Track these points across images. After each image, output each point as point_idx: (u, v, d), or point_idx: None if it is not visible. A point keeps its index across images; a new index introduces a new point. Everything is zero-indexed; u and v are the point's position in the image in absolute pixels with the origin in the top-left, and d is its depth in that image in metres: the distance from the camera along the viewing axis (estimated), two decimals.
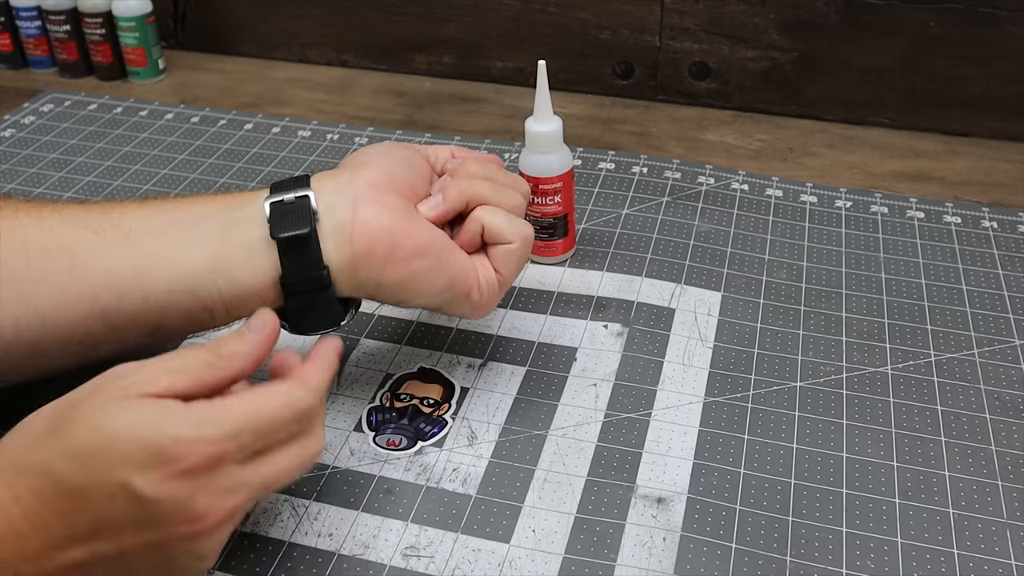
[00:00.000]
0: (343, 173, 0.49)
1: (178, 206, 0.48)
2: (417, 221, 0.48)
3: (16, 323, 0.45)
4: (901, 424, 0.53)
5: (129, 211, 0.48)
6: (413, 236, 0.47)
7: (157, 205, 0.48)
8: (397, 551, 0.46)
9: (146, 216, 0.47)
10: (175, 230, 0.47)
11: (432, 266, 0.47)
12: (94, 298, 0.45)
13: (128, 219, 0.47)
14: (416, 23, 0.92)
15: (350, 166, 0.49)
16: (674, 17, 0.85)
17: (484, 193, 0.50)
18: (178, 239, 0.46)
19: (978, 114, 0.81)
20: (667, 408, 0.53)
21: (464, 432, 0.52)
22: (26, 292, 0.45)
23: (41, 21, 0.93)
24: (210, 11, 0.98)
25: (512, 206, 0.51)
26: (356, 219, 0.46)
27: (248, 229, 0.46)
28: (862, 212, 0.71)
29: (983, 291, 0.63)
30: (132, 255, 0.46)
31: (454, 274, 0.48)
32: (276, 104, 0.90)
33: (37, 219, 0.47)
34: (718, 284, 0.63)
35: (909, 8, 0.79)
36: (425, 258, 0.47)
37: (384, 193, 0.47)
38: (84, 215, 0.47)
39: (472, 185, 0.50)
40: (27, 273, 0.45)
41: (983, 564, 0.45)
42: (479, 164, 0.52)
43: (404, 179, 0.49)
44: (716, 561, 0.45)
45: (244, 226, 0.46)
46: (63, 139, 0.82)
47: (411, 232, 0.47)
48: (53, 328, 0.46)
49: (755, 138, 0.83)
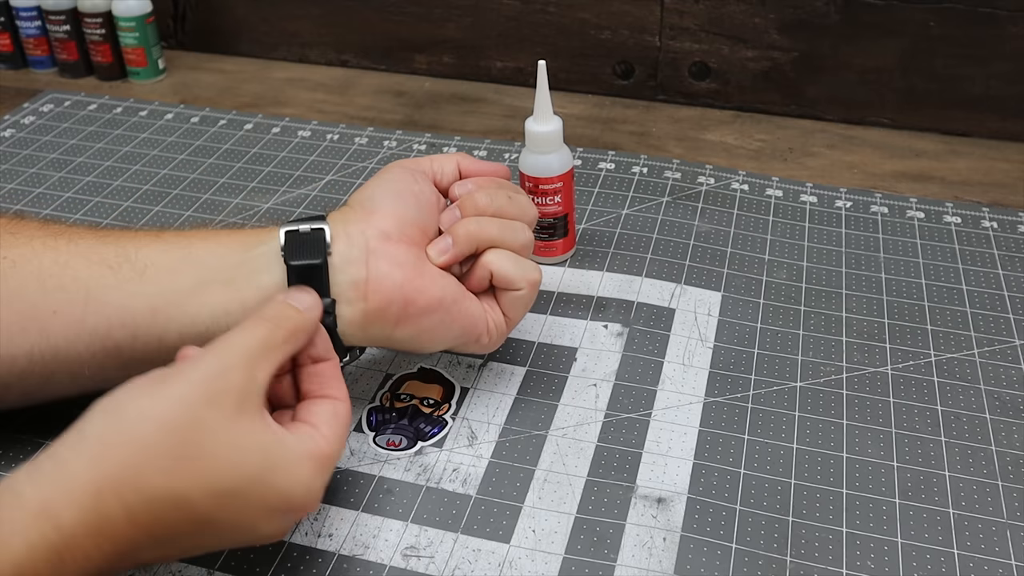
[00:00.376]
0: (354, 220, 0.48)
1: (193, 242, 0.48)
2: (429, 275, 0.48)
3: (30, 354, 0.45)
4: (901, 424, 0.53)
5: (144, 246, 0.48)
6: (426, 293, 0.47)
7: (172, 241, 0.48)
8: (397, 551, 0.46)
9: (161, 252, 0.47)
10: (190, 269, 0.47)
11: (444, 319, 0.48)
12: (108, 334, 0.46)
13: (144, 255, 0.47)
14: (416, 23, 0.92)
15: (361, 210, 0.49)
16: (674, 17, 0.85)
17: (493, 235, 0.50)
18: (193, 279, 0.46)
19: (978, 114, 0.81)
20: (667, 408, 0.53)
21: (464, 432, 0.52)
22: (41, 325, 0.45)
23: (41, 21, 0.93)
24: (210, 11, 0.98)
25: (520, 245, 0.51)
26: (370, 277, 0.46)
27: (262, 274, 0.46)
28: (862, 212, 0.71)
29: (983, 291, 0.63)
30: (148, 293, 0.46)
31: (465, 324, 0.49)
32: (276, 104, 0.90)
33: (52, 250, 0.47)
34: (718, 284, 0.63)
35: (909, 8, 0.79)
36: (437, 313, 0.48)
37: (395, 244, 0.48)
38: (100, 247, 0.47)
39: (481, 228, 0.50)
40: (42, 306, 0.45)
41: (983, 564, 0.45)
42: (487, 195, 0.51)
43: (414, 222, 0.49)
44: (716, 561, 0.45)
45: (259, 269, 0.47)
46: (63, 139, 0.82)
47: (424, 288, 0.47)
48: (65, 361, 0.46)
49: (755, 138, 0.83)
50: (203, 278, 0.46)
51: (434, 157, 0.54)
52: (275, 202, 0.73)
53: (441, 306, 0.48)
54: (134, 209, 0.72)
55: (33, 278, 0.46)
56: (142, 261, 0.47)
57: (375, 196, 0.50)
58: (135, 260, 0.47)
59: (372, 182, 0.51)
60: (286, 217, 0.71)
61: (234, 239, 0.48)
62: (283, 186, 0.75)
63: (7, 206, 0.73)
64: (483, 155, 0.79)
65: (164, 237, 0.49)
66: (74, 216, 0.71)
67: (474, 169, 0.54)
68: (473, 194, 0.51)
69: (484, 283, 0.50)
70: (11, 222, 0.49)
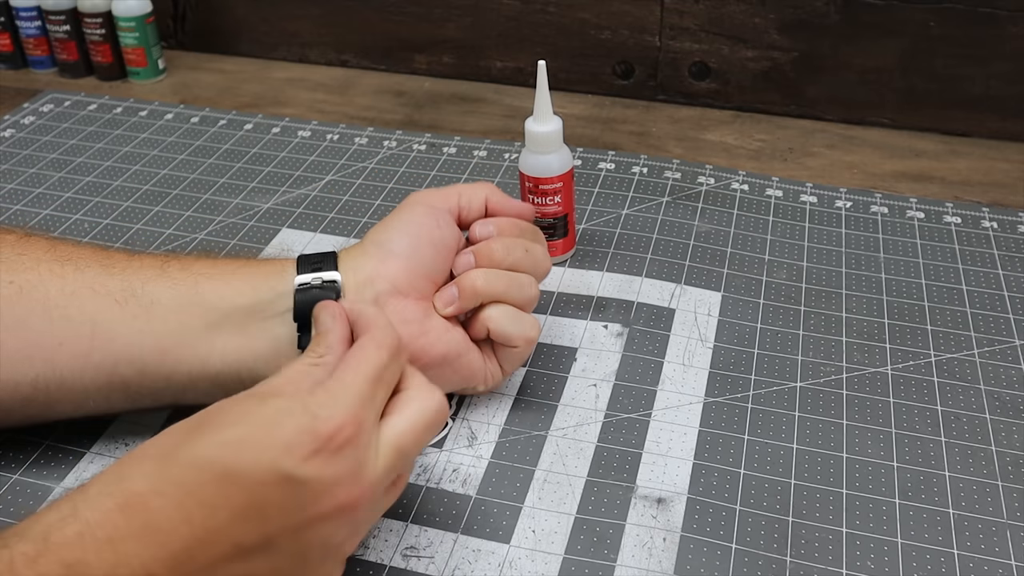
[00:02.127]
0: (366, 266, 0.48)
1: (200, 281, 0.47)
2: (435, 332, 0.48)
3: (35, 382, 0.45)
4: (901, 424, 0.53)
5: (150, 280, 0.47)
6: (429, 351, 0.48)
7: (178, 277, 0.48)
8: (397, 551, 0.46)
9: (167, 288, 0.47)
10: (199, 311, 0.47)
11: (446, 372, 0.49)
12: (114, 369, 0.46)
13: (150, 290, 0.47)
14: (416, 23, 0.92)
15: (376, 253, 0.49)
16: (674, 17, 0.85)
17: (499, 291, 0.50)
18: (202, 322, 0.46)
19: (978, 114, 0.81)
20: (667, 408, 0.53)
21: (464, 432, 0.52)
22: (47, 355, 0.45)
23: (41, 21, 0.93)
24: (210, 11, 0.98)
25: (525, 300, 0.51)
26: None
27: (276, 326, 0.47)
28: (862, 212, 0.71)
29: (983, 291, 0.63)
30: (156, 332, 0.46)
31: (465, 375, 0.50)
32: (276, 104, 0.90)
33: (59, 277, 0.46)
34: (718, 284, 0.63)
35: (909, 8, 0.79)
36: (440, 368, 0.48)
37: (404, 300, 0.48)
38: (106, 279, 0.47)
39: (488, 284, 0.50)
40: (48, 336, 0.45)
41: (983, 564, 0.45)
42: (504, 248, 0.51)
43: (426, 273, 0.49)
44: (716, 561, 0.45)
45: (272, 319, 0.47)
46: (63, 139, 0.82)
47: (427, 347, 0.48)
48: (70, 391, 0.46)
49: (755, 138, 0.83)
50: (213, 321, 0.46)
51: (463, 189, 0.53)
52: (275, 202, 0.73)
53: (444, 361, 0.49)
54: (134, 209, 0.72)
55: (39, 306, 0.45)
56: (148, 297, 0.46)
57: (393, 240, 0.49)
58: (140, 295, 0.46)
59: (393, 219, 0.51)
60: (286, 217, 0.71)
61: (242, 279, 0.48)
62: (283, 186, 0.75)
63: (7, 206, 0.73)
64: (483, 155, 0.79)
65: (169, 272, 0.48)
66: (74, 216, 0.71)
67: (501, 207, 0.53)
68: (491, 243, 0.51)
69: (482, 335, 0.51)
70: (20, 241, 0.48)
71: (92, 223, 0.70)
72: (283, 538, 0.36)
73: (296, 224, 0.70)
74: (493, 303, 0.50)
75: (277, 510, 0.36)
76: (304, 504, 0.36)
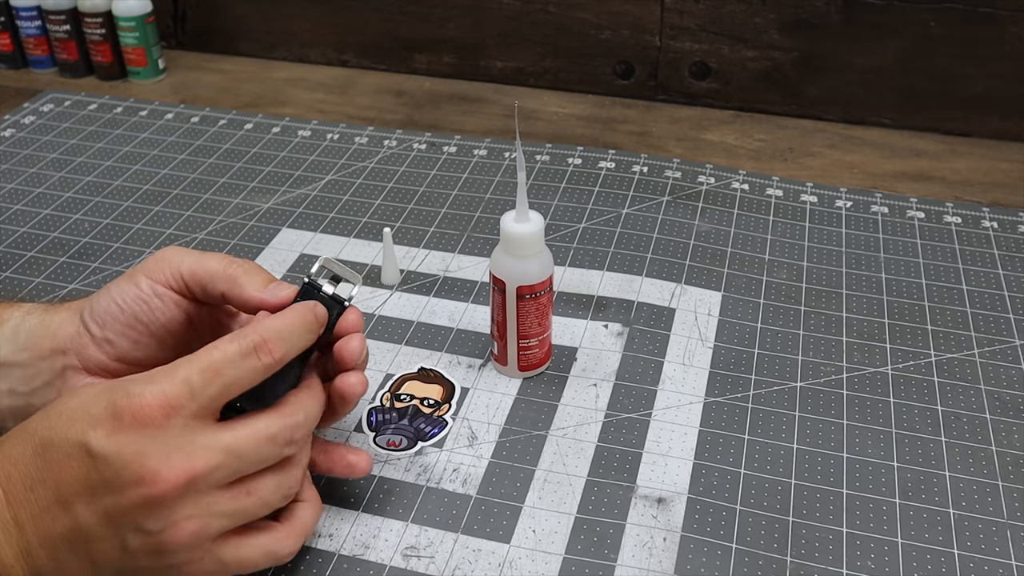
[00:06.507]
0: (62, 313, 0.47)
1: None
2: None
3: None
4: (901, 424, 0.53)
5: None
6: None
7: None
8: (397, 551, 0.46)
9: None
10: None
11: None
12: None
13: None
14: (416, 23, 0.92)
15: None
16: (674, 17, 0.85)
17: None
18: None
19: (978, 114, 0.81)
20: (667, 408, 0.53)
21: (464, 432, 0.52)
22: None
23: (41, 21, 0.93)
24: (210, 11, 0.98)
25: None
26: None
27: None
28: (862, 212, 0.71)
29: (983, 291, 0.63)
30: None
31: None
32: (276, 104, 0.90)
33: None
34: (718, 284, 0.63)
35: (909, 8, 0.79)
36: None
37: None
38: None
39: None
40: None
41: (983, 564, 0.45)
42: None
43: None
44: (716, 561, 0.45)
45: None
46: (63, 139, 0.82)
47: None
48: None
49: (755, 138, 0.83)
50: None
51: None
52: (275, 202, 0.73)
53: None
54: (134, 209, 0.72)
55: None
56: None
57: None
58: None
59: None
60: (286, 217, 0.71)
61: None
62: (283, 186, 0.75)
63: (7, 206, 0.73)
64: (483, 154, 0.79)
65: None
66: (74, 216, 0.71)
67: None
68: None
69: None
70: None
71: (92, 223, 0.70)
72: (92, 514, 0.37)
73: (296, 224, 0.70)
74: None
75: (82, 484, 0.37)
76: (108, 480, 0.37)
